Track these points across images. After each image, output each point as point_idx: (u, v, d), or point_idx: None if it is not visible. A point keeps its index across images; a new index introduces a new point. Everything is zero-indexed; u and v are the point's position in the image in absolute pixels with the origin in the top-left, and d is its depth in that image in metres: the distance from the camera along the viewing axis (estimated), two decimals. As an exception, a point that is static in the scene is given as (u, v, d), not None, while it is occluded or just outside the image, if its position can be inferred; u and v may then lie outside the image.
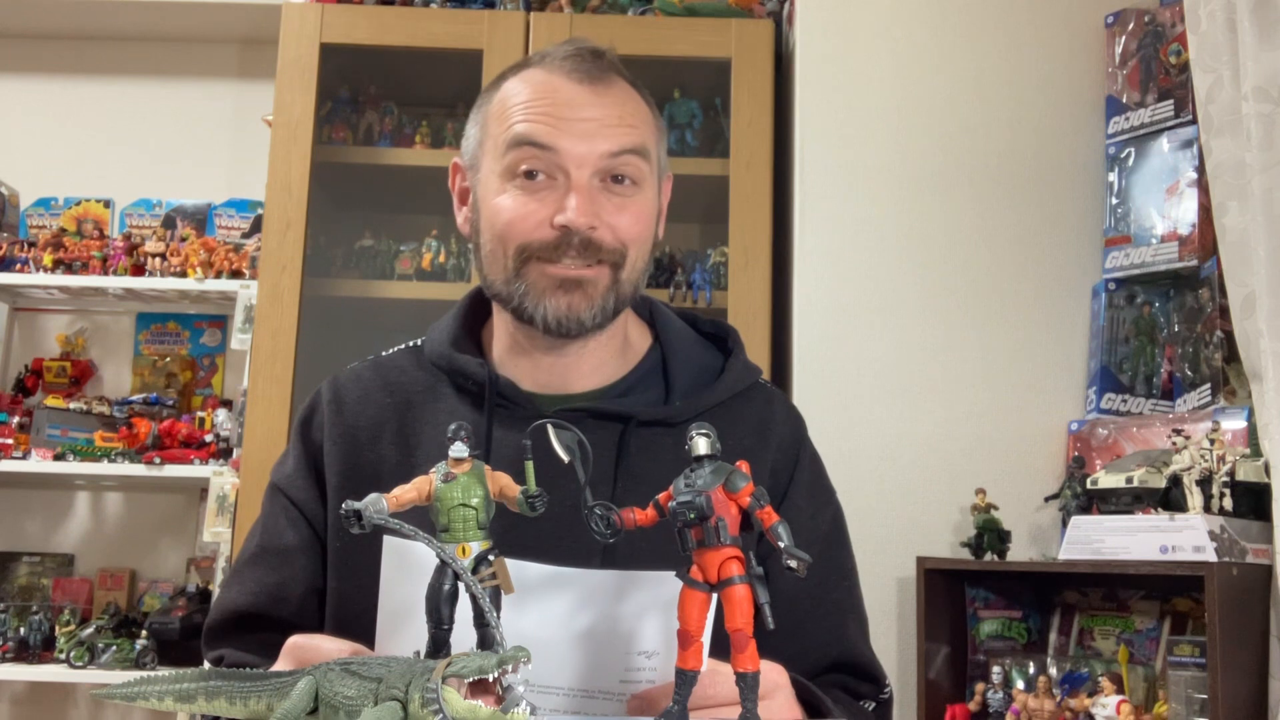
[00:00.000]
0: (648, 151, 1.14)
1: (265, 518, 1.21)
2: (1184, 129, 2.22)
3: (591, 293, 1.13)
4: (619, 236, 1.12)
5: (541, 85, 1.13)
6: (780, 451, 1.20)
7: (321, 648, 0.90)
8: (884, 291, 2.35)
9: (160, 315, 3.14)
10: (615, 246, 1.13)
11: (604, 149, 1.11)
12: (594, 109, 1.12)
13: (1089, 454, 2.18)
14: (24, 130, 3.25)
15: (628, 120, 1.13)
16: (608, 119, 1.12)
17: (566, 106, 1.11)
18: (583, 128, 1.11)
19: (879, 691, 1.18)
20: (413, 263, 2.66)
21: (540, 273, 1.12)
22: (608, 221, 1.12)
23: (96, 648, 2.67)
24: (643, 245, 1.16)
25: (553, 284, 1.12)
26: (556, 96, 1.12)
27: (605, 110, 1.12)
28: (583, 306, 1.12)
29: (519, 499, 0.83)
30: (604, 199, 1.12)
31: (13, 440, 2.76)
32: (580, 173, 1.10)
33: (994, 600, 2.17)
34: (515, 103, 1.13)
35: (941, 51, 2.43)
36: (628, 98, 1.15)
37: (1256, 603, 1.78)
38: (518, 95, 1.14)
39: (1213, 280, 2.09)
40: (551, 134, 1.10)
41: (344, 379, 1.24)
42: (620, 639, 0.89)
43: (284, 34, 2.54)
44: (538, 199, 1.11)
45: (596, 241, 1.11)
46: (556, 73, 1.13)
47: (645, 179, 1.15)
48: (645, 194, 1.16)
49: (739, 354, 1.26)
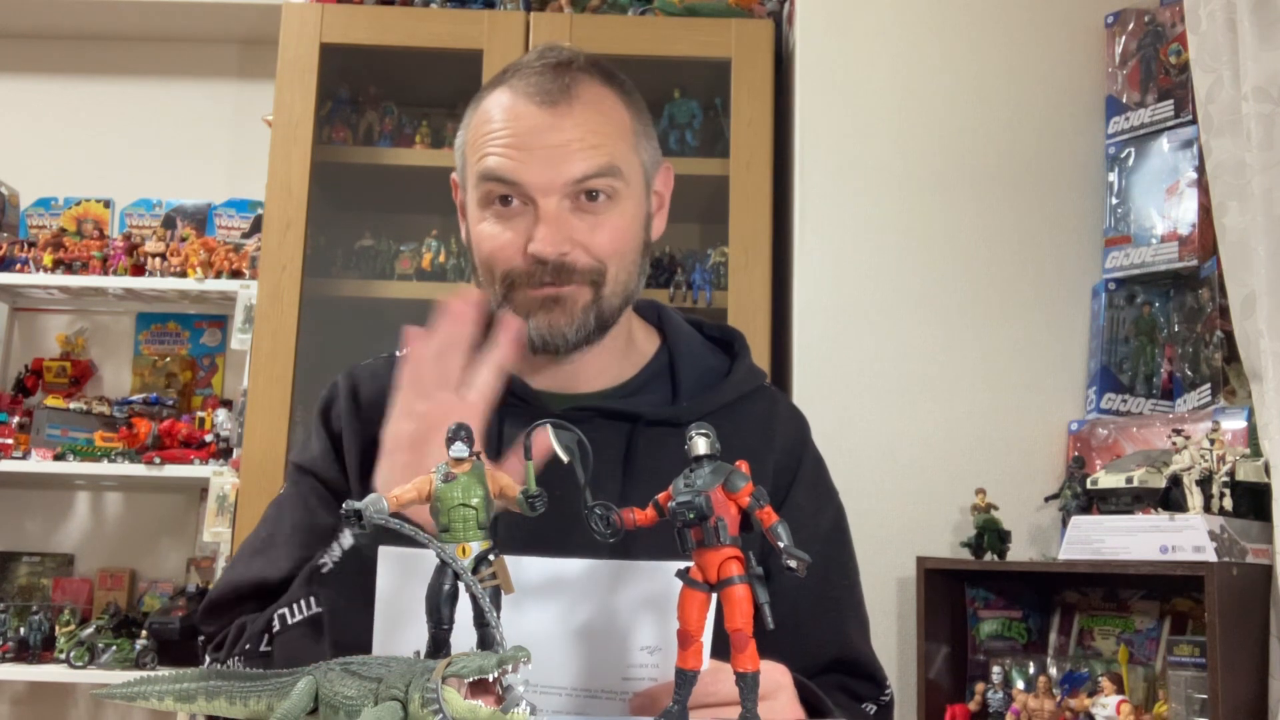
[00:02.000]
0: (617, 170, 1.14)
1: (293, 497, 1.20)
2: (1184, 129, 2.22)
3: (571, 308, 1.13)
4: (594, 255, 1.13)
5: (506, 111, 1.13)
6: (783, 451, 1.21)
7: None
8: (884, 291, 2.35)
9: (160, 315, 3.14)
10: (591, 265, 1.13)
11: (569, 175, 1.11)
12: (555, 134, 1.11)
13: (1089, 454, 2.18)
14: (24, 130, 3.24)
15: (591, 140, 1.12)
16: (570, 144, 1.11)
17: (529, 135, 1.12)
18: (545, 155, 1.11)
19: (879, 691, 1.18)
20: (413, 263, 2.66)
21: (524, 297, 1.14)
22: (581, 242, 1.12)
23: (96, 648, 2.67)
24: (623, 258, 1.16)
25: (535, 304, 1.14)
26: (519, 125, 1.12)
27: (567, 134, 1.11)
28: (563, 322, 1.14)
29: (519, 499, 0.83)
30: (575, 220, 1.12)
31: (13, 440, 2.76)
32: (547, 201, 1.11)
33: (994, 600, 2.17)
34: (484, 132, 1.14)
35: (941, 51, 2.43)
36: (593, 111, 1.14)
37: (1256, 603, 1.78)
38: (486, 123, 1.14)
39: (1213, 280, 2.09)
40: (515, 168, 1.11)
41: (360, 373, 1.25)
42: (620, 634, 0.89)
43: (284, 34, 2.54)
44: (512, 227, 1.13)
45: (570, 265, 1.12)
46: (520, 95, 1.13)
47: (620, 192, 1.15)
48: (622, 206, 1.15)
49: (745, 357, 1.27)
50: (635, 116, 1.18)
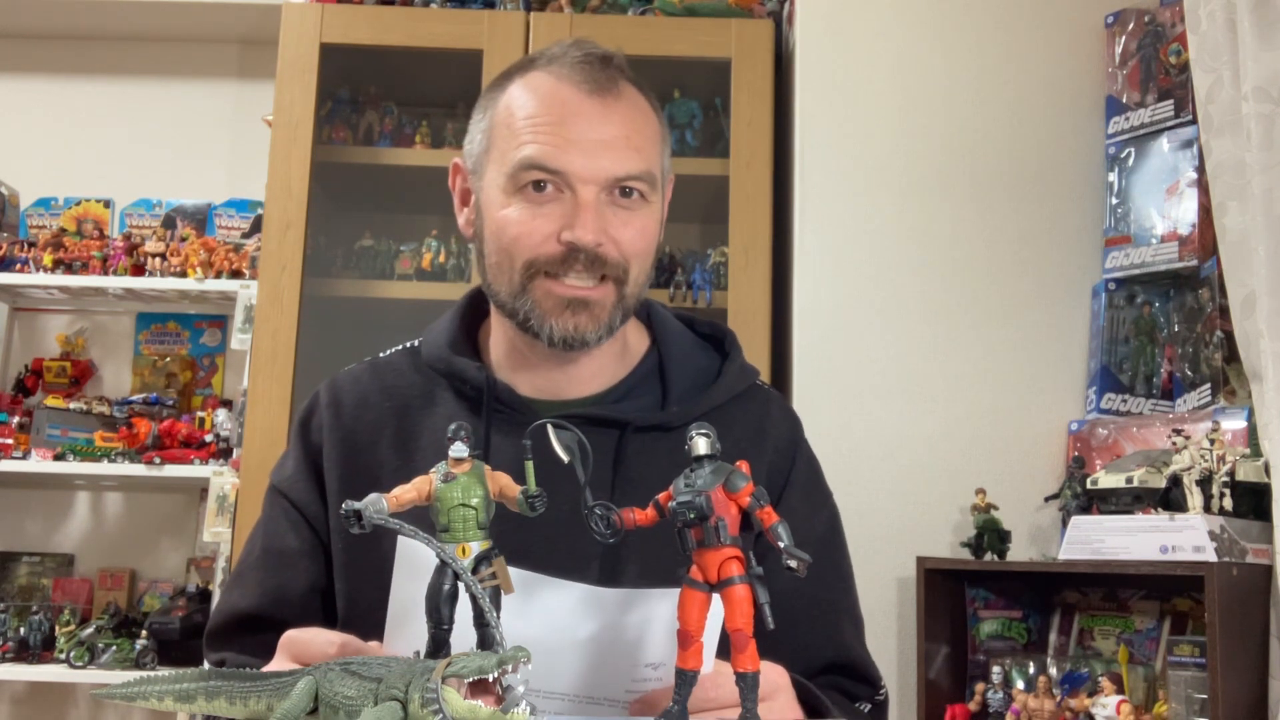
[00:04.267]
0: (653, 176, 1.14)
1: (266, 520, 1.21)
2: (1184, 129, 2.22)
3: (598, 313, 1.13)
4: (623, 251, 1.12)
5: (549, 97, 1.12)
6: (776, 453, 1.21)
7: (314, 640, 0.90)
8: (884, 291, 2.35)
9: (160, 315, 3.14)
10: (619, 261, 1.12)
11: (613, 172, 1.11)
12: (603, 127, 1.11)
13: (1089, 454, 2.18)
14: (24, 130, 3.24)
15: (635, 141, 1.12)
16: (616, 140, 1.11)
17: (574, 122, 1.10)
18: (591, 146, 1.10)
19: (874, 693, 1.18)
20: (413, 263, 2.66)
21: (546, 291, 1.12)
22: (613, 236, 1.12)
23: (96, 648, 2.67)
24: (645, 259, 1.16)
25: (560, 304, 1.12)
26: (564, 110, 1.10)
27: (614, 129, 1.11)
28: (589, 327, 1.13)
29: (519, 499, 0.83)
30: (610, 213, 1.12)
31: (13, 440, 2.76)
32: (587, 190, 1.10)
33: (994, 600, 2.17)
34: (522, 116, 1.12)
35: (941, 51, 2.43)
36: (636, 111, 1.14)
37: (1256, 603, 1.78)
38: (524, 107, 1.12)
39: (1213, 280, 2.09)
40: (559, 157, 1.09)
41: (342, 381, 1.24)
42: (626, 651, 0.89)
43: (284, 34, 2.54)
44: (544, 213, 1.11)
45: (602, 256, 1.11)
46: (565, 81, 1.12)
47: (650, 195, 1.15)
48: (651, 207, 1.15)
49: (735, 356, 1.26)
50: (662, 125, 1.19)
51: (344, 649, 0.88)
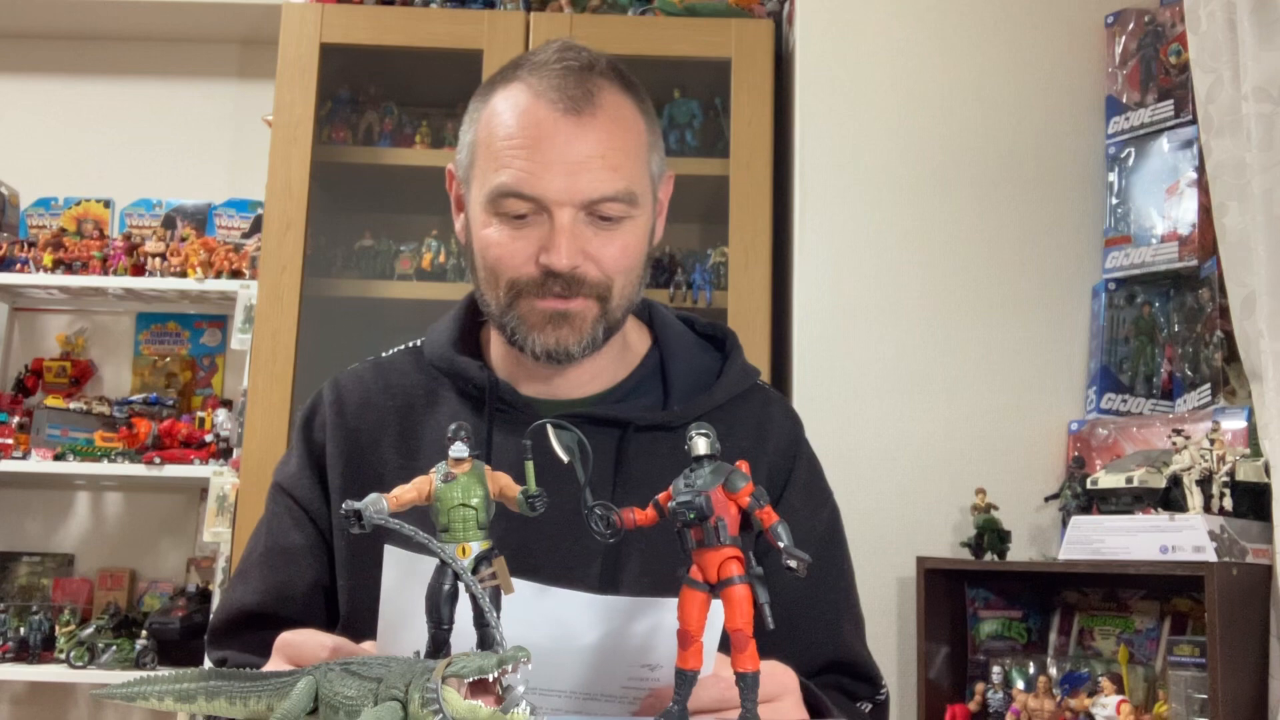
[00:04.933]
0: (633, 195, 1.12)
1: (269, 518, 1.21)
2: (1184, 129, 2.22)
3: (580, 325, 1.12)
4: (605, 270, 1.12)
5: (524, 115, 1.10)
6: (777, 453, 1.21)
7: (307, 643, 0.90)
8: (884, 291, 2.35)
9: (160, 315, 3.14)
10: (600, 280, 1.12)
11: (587, 194, 1.09)
12: (577, 146, 1.09)
13: (1089, 454, 2.18)
14: (24, 130, 3.24)
15: (612, 160, 1.10)
16: (591, 160, 1.09)
17: (548, 144, 1.09)
18: (565, 168, 1.08)
19: (875, 692, 1.18)
20: (413, 263, 2.66)
21: (530, 307, 1.12)
22: (593, 255, 1.11)
23: (96, 648, 2.67)
24: (631, 274, 1.15)
25: (542, 318, 1.12)
26: (539, 131, 1.09)
27: (589, 149, 1.09)
28: (571, 340, 1.12)
29: (519, 499, 0.83)
30: (589, 233, 1.11)
31: (13, 440, 2.76)
32: (563, 213, 1.09)
33: (994, 600, 2.17)
34: (501, 137, 1.11)
35: (942, 51, 2.43)
36: (614, 125, 1.12)
37: (1256, 603, 1.78)
38: (503, 127, 1.11)
39: (1213, 280, 2.09)
40: (534, 183, 1.08)
41: (345, 381, 1.24)
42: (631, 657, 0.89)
43: (284, 34, 2.54)
44: (523, 235, 1.10)
45: (580, 277, 1.10)
46: (541, 99, 1.10)
47: (633, 211, 1.13)
48: (635, 222, 1.14)
49: (736, 356, 1.25)
50: (649, 127, 1.17)
51: (336, 652, 0.88)
